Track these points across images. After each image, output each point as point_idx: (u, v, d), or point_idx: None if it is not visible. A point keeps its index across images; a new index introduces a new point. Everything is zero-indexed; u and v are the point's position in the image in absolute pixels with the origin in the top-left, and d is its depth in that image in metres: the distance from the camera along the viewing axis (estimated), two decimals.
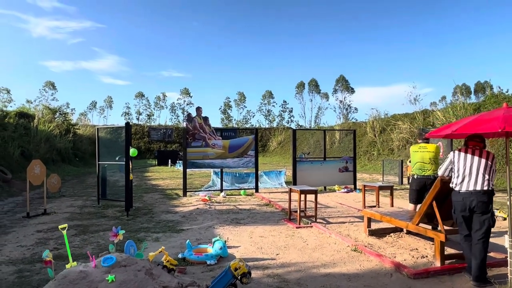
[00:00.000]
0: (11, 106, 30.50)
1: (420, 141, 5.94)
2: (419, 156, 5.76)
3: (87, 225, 6.47)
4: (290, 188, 6.84)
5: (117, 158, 11.24)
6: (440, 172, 4.15)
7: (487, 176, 3.71)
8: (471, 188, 3.73)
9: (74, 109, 61.43)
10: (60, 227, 3.44)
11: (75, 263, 3.17)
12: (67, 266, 3.12)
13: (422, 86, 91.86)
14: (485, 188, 3.70)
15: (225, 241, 4.59)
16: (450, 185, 3.94)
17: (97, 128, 9.05)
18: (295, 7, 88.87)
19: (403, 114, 22.36)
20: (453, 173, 3.93)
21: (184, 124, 10.25)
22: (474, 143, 3.84)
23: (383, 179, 14.06)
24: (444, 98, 59.36)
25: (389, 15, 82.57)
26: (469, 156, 3.80)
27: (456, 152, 3.93)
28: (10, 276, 3.95)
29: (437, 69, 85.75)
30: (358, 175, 14.36)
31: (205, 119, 10.40)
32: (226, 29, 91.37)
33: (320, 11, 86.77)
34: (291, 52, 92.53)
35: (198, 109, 10.51)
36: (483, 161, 3.73)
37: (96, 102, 67.98)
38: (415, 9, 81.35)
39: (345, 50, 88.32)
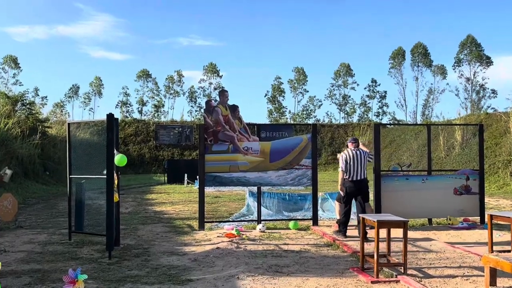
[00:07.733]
0: None
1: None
2: None
3: (48, 270, 6.83)
4: (363, 218, 6.81)
5: (104, 172, 11.76)
6: (340, 169, 9.08)
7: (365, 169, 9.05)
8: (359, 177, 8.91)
9: (46, 97, 64.64)
10: None
11: None
12: None
13: None
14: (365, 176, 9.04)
15: None
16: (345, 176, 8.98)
17: (68, 124, 9.57)
18: None
19: None
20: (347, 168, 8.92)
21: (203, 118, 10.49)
22: (353, 145, 8.87)
23: None
24: None
25: None
26: (355, 155, 8.82)
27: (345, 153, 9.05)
28: None
29: None
30: (491, 201, 13.74)
31: (233, 108, 10.56)
32: None
33: None
34: (378, 6, 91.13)
35: (223, 94, 10.75)
36: (363, 158, 8.81)
37: (78, 87, 71.35)
38: None
39: None
